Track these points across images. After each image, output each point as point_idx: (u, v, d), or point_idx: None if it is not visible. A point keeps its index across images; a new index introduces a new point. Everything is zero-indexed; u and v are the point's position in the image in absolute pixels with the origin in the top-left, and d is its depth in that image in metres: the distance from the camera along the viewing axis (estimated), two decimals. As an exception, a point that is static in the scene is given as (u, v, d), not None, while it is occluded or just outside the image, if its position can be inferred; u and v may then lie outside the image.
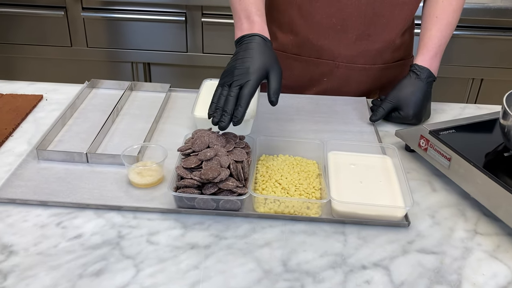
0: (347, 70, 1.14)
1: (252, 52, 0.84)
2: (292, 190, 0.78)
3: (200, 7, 1.86)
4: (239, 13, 0.92)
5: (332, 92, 1.17)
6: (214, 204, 0.75)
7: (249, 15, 0.91)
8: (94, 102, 1.06)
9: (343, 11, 1.06)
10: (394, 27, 1.10)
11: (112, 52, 1.99)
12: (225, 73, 0.84)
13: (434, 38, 1.04)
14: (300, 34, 1.12)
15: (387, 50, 1.14)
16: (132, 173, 0.81)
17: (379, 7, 1.06)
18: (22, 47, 1.99)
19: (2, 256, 0.67)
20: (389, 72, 1.18)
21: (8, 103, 1.03)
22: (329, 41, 1.11)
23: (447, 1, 1.05)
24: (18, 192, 0.78)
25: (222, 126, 0.79)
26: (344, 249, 0.71)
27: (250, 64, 0.82)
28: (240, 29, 0.90)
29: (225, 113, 0.79)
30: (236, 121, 0.79)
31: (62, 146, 0.91)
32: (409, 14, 1.11)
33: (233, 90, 0.80)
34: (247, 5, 0.92)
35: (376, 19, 1.08)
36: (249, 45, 0.86)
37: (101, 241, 0.70)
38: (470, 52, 1.95)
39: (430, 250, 0.71)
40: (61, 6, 1.90)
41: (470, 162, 0.79)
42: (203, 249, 0.70)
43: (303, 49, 1.14)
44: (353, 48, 1.11)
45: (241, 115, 0.79)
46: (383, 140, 0.98)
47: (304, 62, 1.15)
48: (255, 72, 0.82)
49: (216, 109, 0.81)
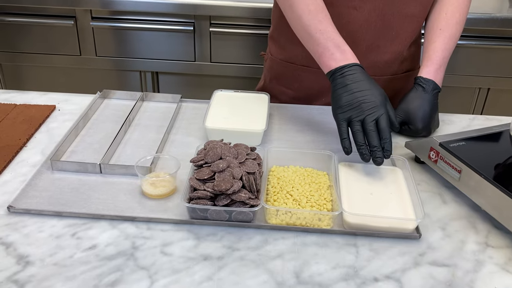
0: None
1: (366, 83, 0.89)
2: (303, 202, 0.79)
3: (209, 17, 1.88)
4: (324, 43, 0.93)
5: None
6: (226, 215, 0.76)
7: (338, 45, 0.92)
8: (106, 112, 1.08)
9: (353, 23, 1.07)
10: (403, 39, 1.11)
11: (121, 61, 2.01)
12: (345, 108, 0.88)
13: (439, 50, 1.05)
14: None
15: (395, 61, 1.15)
16: (145, 184, 0.82)
17: (389, 19, 1.07)
18: (32, 55, 2.01)
19: (18, 267, 0.67)
20: (397, 83, 1.19)
21: (22, 113, 1.04)
22: None
23: (451, 13, 1.06)
24: (33, 202, 0.79)
25: (380, 162, 0.85)
26: (356, 261, 0.71)
27: (374, 97, 0.87)
28: (334, 59, 0.92)
29: (376, 149, 0.84)
30: (388, 155, 0.85)
31: (75, 156, 0.92)
32: (417, 26, 1.12)
33: (371, 125, 0.85)
34: (332, 35, 0.93)
35: (386, 31, 1.09)
36: (355, 76, 0.90)
37: (116, 252, 0.71)
38: (477, 62, 1.95)
39: (441, 262, 0.72)
40: (71, 15, 1.92)
41: (481, 174, 0.80)
42: (216, 261, 0.70)
43: (312, 60, 1.15)
44: (362, 59, 1.12)
45: (391, 147, 0.85)
46: (393, 151, 0.98)
47: (313, 73, 1.16)
48: (383, 104, 0.87)
49: (360, 146, 0.85)
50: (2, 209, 0.78)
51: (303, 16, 0.95)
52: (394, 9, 1.06)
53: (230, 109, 1.04)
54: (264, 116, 1.01)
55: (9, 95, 1.13)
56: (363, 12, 1.05)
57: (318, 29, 0.94)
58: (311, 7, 0.95)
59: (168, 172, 0.84)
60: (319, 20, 0.95)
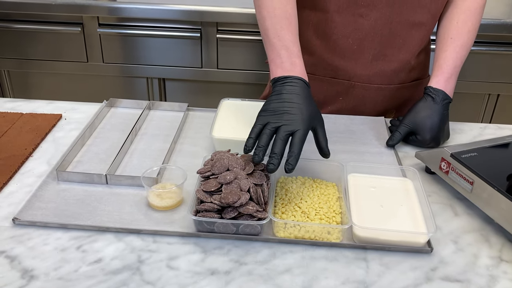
0: (362, 90, 1.14)
1: (300, 98, 0.84)
2: (312, 214, 0.77)
3: (215, 23, 1.88)
4: (278, 50, 0.91)
5: (347, 111, 1.16)
6: (234, 228, 0.75)
7: (291, 55, 0.90)
8: (113, 121, 1.07)
9: (359, 31, 1.06)
10: (410, 47, 1.10)
11: (128, 68, 2.01)
12: (269, 112, 0.83)
13: (449, 59, 1.03)
14: (315, 54, 1.12)
15: (403, 70, 1.13)
16: (151, 195, 0.81)
17: (396, 28, 1.05)
18: (39, 62, 2.02)
19: (23, 281, 0.67)
20: (405, 92, 1.17)
21: (28, 122, 1.04)
22: (344, 61, 1.11)
23: (462, 21, 1.05)
24: (39, 214, 0.78)
25: (272, 169, 0.77)
26: (367, 276, 0.70)
27: (300, 112, 0.82)
28: (281, 67, 0.89)
29: (275, 156, 0.77)
30: (289, 169, 0.77)
31: (81, 167, 0.91)
32: (425, 34, 1.10)
33: (283, 134, 0.79)
34: (288, 44, 0.91)
35: (393, 39, 1.07)
36: (294, 88, 0.86)
37: (121, 266, 0.70)
38: (486, 68, 1.93)
39: (454, 278, 0.70)
40: (78, 22, 1.93)
41: (494, 186, 0.78)
42: (223, 275, 0.69)
43: (318, 68, 1.14)
44: (369, 68, 1.11)
45: (295, 163, 0.78)
46: (402, 161, 0.97)
47: (319, 81, 1.15)
48: (305, 121, 0.81)
49: (259, 147, 0.79)
50: (7, 221, 0.77)
51: (266, 19, 0.94)
52: (401, 17, 1.04)
53: (237, 118, 1.02)
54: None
55: (16, 103, 1.13)
56: (370, 20, 1.04)
57: (276, 35, 0.92)
58: (277, 12, 0.93)
59: (174, 183, 0.83)
60: (281, 26, 0.92)
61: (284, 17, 0.93)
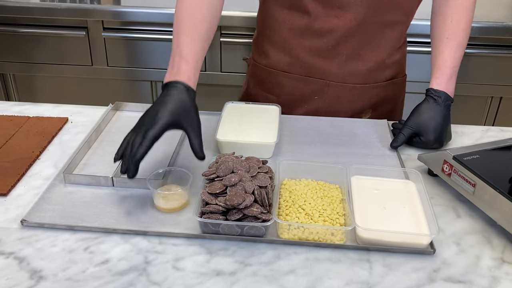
0: (337, 89, 1.15)
1: (168, 98, 0.82)
2: (316, 216, 0.78)
3: (219, 27, 1.89)
4: (173, 55, 0.89)
5: (323, 110, 1.17)
6: (238, 230, 0.76)
7: (180, 60, 0.87)
8: (118, 124, 1.08)
9: (334, 32, 1.07)
10: (385, 47, 1.11)
11: (132, 71, 2.02)
12: (138, 121, 0.82)
13: (448, 60, 1.04)
14: (291, 53, 1.13)
15: (377, 69, 1.14)
16: (157, 197, 0.82)
17: (370, 28, 1.06)
18: (45, 66, 2.04)
19: (32, 281, 0.68)
20: (381, 91, 1.18)
21: (35, 126, 1.05)
22: (319, 60, 1.11)
23: (456, 20, 1.05)
24: (46, 216, 0.79)
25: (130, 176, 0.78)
26: (370, 277, 0.70)
27: (160, 108, 0.80)
28: (169, 73, 0.87)
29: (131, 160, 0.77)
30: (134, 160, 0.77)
31: (87, 169, 0.92)
32: (400, 33, 1.11)
33: (139, 136, 0.78)
34: (181, 49, 0.88)
35: (367, 40, 1.08)
36: (169, 91, 0.84)
37: (128, 267, 0.71)
38: (489, 71, 1.94)
39: (456, 279, 0.71)
40: (83, 26, 1.95)
41: (496, 188, 0.79)
42: (228, 276, 0.70)
43: (294, 67, 1.15)
44: (344, 67, 1.12)
45: (140, 154, 0.76)
46: (405, 163, 0.97)
47: (295, 79, 1.16)
48: (164, 117, 0.79)
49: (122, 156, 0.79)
50: (16, 222, 0.78)
51: (174, 25, 0.92)
52: (376, 17, 1.05)
53: (241, 121, 1.04)
54: (275, 128, 1.01)
55: (23, 107, 1.15)
56: (345, 20, 1.05)
57: (176, 40, 0.90)
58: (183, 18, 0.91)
59: (180, 185, 0.84)
60: (183, 32, 0.90)
61: (189, 23, 0.91)
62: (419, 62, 1.87)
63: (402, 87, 1.24)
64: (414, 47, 1.87)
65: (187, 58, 0.88)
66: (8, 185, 0.86)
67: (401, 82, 1.22)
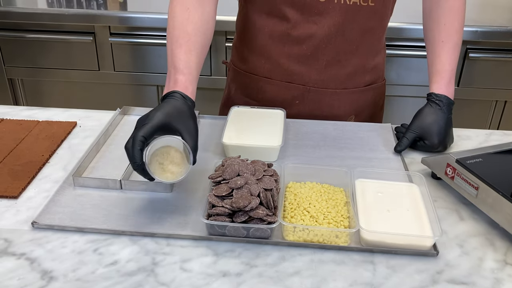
0: (318, 94, 1.16)
1: (163, 104, 0.83)
2: (320, 218, 0.79)
3: (224, 32, 1.91)
4: (169, 68, 0.91)
5: (304, 115, 1.18)
6: (244, 232, 0.77)
7: (175, 73, 0.89)
8: (126, 128, 1.10)
9: (313, 38, 1.08)
10: (363, 52, 1.12)
11: (138, 76, 2.05)
12: None
13: (445, 63, 1.05)
14: (271, 59, 1.14)
15: (357, 74, 1.15)
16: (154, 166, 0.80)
17: (349, 34, 1.08)
18: (52, 71, 2.06)
19: (43, 282, 0.69)
20: (361, 96, 1.19)
21: (45, 130, 1.07)
22: (299, 66, 1.13)
23: (450, 23, 1.07)
24: (56, 218, 0.81)
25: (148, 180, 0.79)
26: (374, 279, 0.72)
27: (152, 111, 0.81)
28: (167, 86, 0.89)
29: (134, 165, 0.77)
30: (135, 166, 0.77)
31: (96, 172, 0.94)
32: (377, 39, 1.13)
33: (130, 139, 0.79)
34: (176, 62, 0.90)
35: (346, 45, 1.09)
36: (165, 100, 0.85)
37: (137, 268, 0.72)
38: (494, 75, 1.94)
39: (460, 280, 0.72)
40: (90, 31, 1.97)
41: (498, 191, 0.80)
42: (234, 277, 0.71)
43: (274, 73, 1.16)
44: (323, 73, 1.13)
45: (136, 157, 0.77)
46: (409, 167, 0.99)
47: (275, 85, 1.17)
48: (154, 117, 0.79)
49: None
50: (27, 224, 0.80)
51: (167, 38, 0.93)
52: (353, 23, 1.07)
53: (246, 125, 1.05)
54: (280, 132, 1.02)
55: (32, 111, 1.17)
56: (323, 27, 1.06)
57: (171, 53, 0.91)
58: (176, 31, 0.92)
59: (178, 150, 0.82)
60: (176, 45, 0.91)
61: (182, 36, 0.92)
62: (420, 66, 1.88)
63: (382, 92, 1.25)
64: (413, 51, 1.89)
65: (182, 70, 0.89)
66: (19, 188, 0.88)
67: (381, 87, 1.23)
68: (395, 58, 1.91)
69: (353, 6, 1.04)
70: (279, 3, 1.06)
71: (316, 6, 1.04)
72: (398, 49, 1.89)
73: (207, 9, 0.97)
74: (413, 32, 1.83)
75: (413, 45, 1.89)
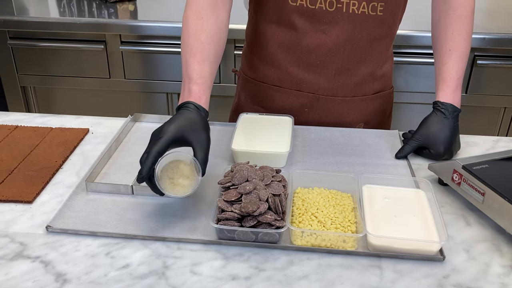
0: (327, 102, 1.17)
1: (177, 116, 0.85)
2: (328, 224, 0.81)
3: (233, 40, 1.93)
4: (184, 77, 0.93)
5: (313, 122, 1.20)
6: (253, 236, 0.79)
7: (189, 82, 0.91)
8: (137, 135, 1.12)
9: (322, 47, 1.10)
10: (372, 60, 1.14)
11: (149, 84, 2.07)
12: None
13: (452, 71, 1.06)
14: (281, 67, 1.16)
15: (366, 82, 1.17)
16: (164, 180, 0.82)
17: (358, 43, 1.09)
18: (64, 79, 2.10)
19: (57, 284, 0.71)
20: (370, 104, 1.20)
21: (58, 136, 1.10)
22: (308, 75, 1.14)
23: (457, 32, 1.07)
24: (70, 222, 0.83)
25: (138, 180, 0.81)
26: (381, 283, 0.73)
27: (166, 124, 0.83)
28: (182, 96, 0.92)
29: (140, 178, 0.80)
30: (139, 178, 0.79)
31: (108, 178, 0.96)
32: (386, 47, 1.14)
33: (144, 153, 0.81)
34: (190, 72, 0.92)
35: (355, 54, 1.11)
36: (179, 111, 0.88)
37: (148, 271, 0.74)
38: (502, 81, 1.95)
39: (466, 285, 0.73)
40: (101, 40, 2.01)
41: (505, 197, 0.80)
42: (243, 281, 0.73)
43: (283, 81, 1.18)
44: (333, 81, 1.15)
45: (145, 171, 0.79)
46: (416, 173, 1.00)
47: (285, 93, 1.19)
48: (168, 131, 0.82)
49: None
50: (41, 228, 0.82)
51: (182, 48, 0.96)
52: (362, 32, 1.08)
53: (255, 132, 1.07)
54: (288, 138, 1.04)
55: (45, 118, 1.19)
56: (332, 36, 1.08)
57: (185, 64, 0.93)
58: (190, 41, 0.94)
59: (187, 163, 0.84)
60: (190, 55, 0.93)
61: (195, 46, 0.94)
62: (428, 73, 1.89)
63: (390, 99, 1.27)
64: (421, 58, 1.90)
65: (196, 80, 0.92)
66: (34, 193, 0.90)
67: (389, 94, 1.25)
68: (403, 65, 1.92)
69: (361, 15, 1.06)
70: (288, 13, 1.08)
71: (325, 15, 1.06)
72: (406, 56, 1.90)
73: (221, 17, 1.00)
74: (420, 40, 1.84)
75: (421, 52, 1.90)
